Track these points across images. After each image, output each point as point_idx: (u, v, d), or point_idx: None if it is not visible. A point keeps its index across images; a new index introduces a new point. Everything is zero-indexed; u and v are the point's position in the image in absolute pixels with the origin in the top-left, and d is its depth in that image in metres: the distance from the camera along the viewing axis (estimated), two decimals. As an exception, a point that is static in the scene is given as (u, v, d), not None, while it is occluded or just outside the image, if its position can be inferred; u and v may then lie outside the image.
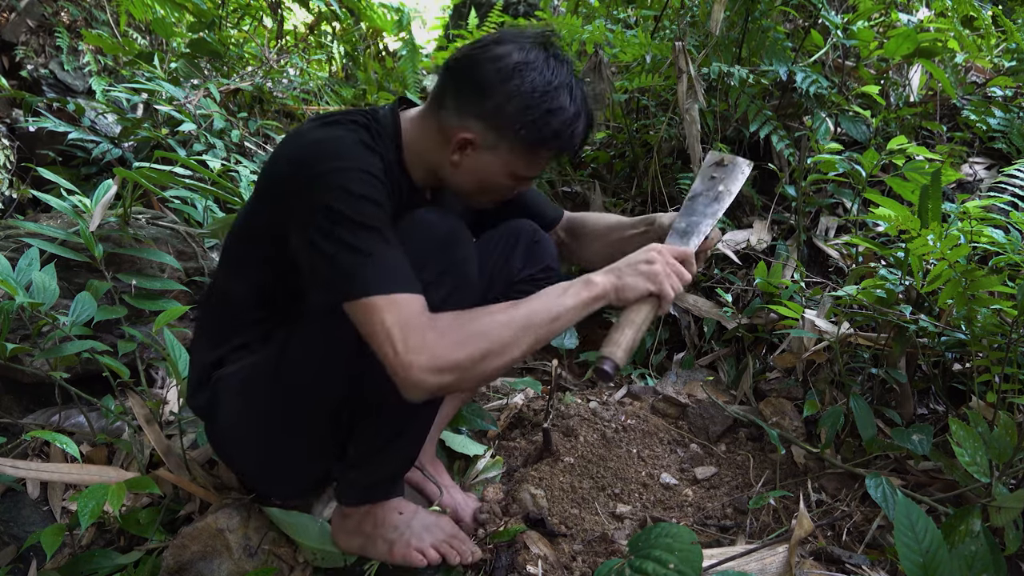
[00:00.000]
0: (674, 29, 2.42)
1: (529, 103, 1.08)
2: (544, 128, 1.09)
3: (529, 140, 1.10)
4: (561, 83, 1.10)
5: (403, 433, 1.18)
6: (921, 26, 2.21)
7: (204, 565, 1.22)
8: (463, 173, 1.16)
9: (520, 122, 1.08)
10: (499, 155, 1.13)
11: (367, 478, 1.21)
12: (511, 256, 1.38)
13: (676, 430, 1.74)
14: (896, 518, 0.99)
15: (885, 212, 1.34)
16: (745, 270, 2.17)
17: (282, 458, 1.22)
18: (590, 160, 2.73)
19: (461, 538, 1.26)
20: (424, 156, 1.18)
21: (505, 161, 1.13)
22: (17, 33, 2.90)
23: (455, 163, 1.15)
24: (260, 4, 3.98)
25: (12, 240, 1.70)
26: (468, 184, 1.18)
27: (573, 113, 1.11)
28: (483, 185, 1.18)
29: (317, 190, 1.00)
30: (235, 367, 1.18)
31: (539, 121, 1.09)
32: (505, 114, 1.08)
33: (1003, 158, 2.23)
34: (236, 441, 1.23)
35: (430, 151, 1.17)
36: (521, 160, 1.13)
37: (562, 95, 1.10)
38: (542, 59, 1.09)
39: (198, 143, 2.46)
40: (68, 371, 1.52)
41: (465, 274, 1.10)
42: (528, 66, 1.08)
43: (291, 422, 1.16)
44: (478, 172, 1.15)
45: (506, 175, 1.15)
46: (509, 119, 1.08)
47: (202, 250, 1.95)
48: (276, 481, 1.28)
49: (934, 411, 1.67)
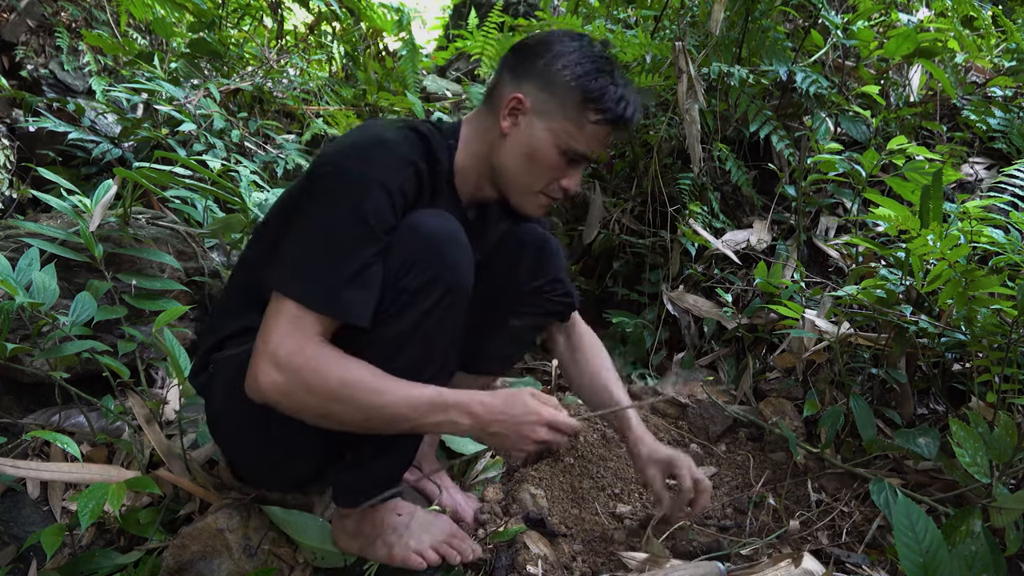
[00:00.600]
0: (674, 29, 2.42)
1: (581, 61, 1.12)
2: (594, 85, 1.11)
3: (579, 97, 1.11)
4: (613, 66, 1.15)
5: (399, 435, 1.17)
6: (921, 26, 2.21)
7: (204, 565, 1.22)
8: (513, 146, 1.15)
9: (571, 75, 1.11)
10: (550, 120, 1.13)
11: (364, 479, 1.20)
12: (517, 267, 1.33)
13: (676, 430, 1.74)
14: (896, 518, 0.99)
15: (885, 212, 1.34)
16: (745, 270, 2.17)
17: (271, 449, 1.21)
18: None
19: (461, 536, 1.26)
20: (477, 150, 1.18)
21: (556, 129, 1.13)
22: (17, 33, 2.90)
23: (505, 132, 1.15)
24: (260, 4, 3.98)
25: (12, 240, 1.70)
26: (518, 162, 1.16)
27: (623, 85, 1.15)
28: (533, 162, 1.15)
29: (330, 179, 1.02)
30: (232, 351, 1.17)
31: (589, 77, 1.11)
32: (557, 69, 1.12)
33: (1003, 158, 2.23)
34: (225, 427, 1.23)
35: (482, 139, 1.18)
36: (572, 126, 1.13)
37: (614, 71, 1.14)
38: (598, 47, 1.16)
39: (198, 143, 2.46)
40: (68, 371, 1.52)
41: (456, 279, 1.07)
42: (583, 43, 1.15)
43: (274, 418, 1.14)
44: (529, 142, 1.14)
45: (556, 147, 1.14)
46: (561, 74, 1.11)
47: (202, 250, 1.95)
48: (265, 471, 1.27)
49: (934, 411, 1.67)
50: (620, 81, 1.14)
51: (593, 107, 1.12)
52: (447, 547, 1.22)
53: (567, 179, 1.19)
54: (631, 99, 1.15)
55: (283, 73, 3.48)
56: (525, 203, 1.22)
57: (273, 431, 1.16)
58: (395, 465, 1.22)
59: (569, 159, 1.16)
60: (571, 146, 1.14)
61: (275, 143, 2.92)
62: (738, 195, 2.41)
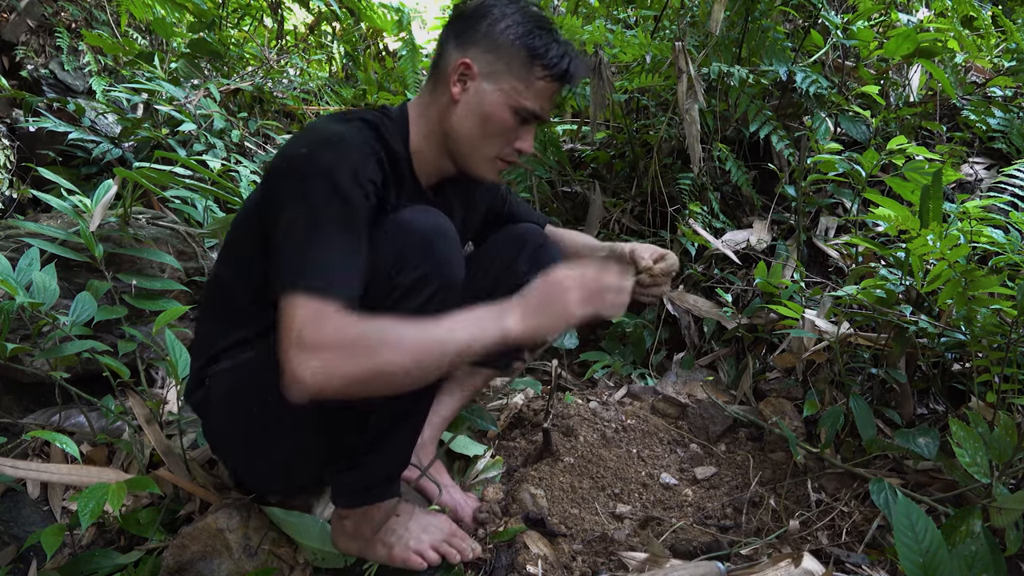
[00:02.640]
0: (674, 29, 2.42)
1: (522, 21, 1.14)
2: (538, 43, 1.13)
3: (525, 55, 1.13)
4: (551, 24, 1.19)
5: (395, 435, 1.18)
6: (921, 26, 2.21)
7: (204, 565, 1.22)
8: (465, 111, 1.16)
9: (514, 35, 1.13)
10: (499, 81, 1.15)
11: (362, 480, 1.20)
12: (517, 259, 1.39)
13: (676, 430, 1.74)
14: (896, 518, 0.99)
15: (885, 212, 1.34)
16: (745, 270, 2.17)
17: (269, 459, 1.22)
18: (590, 160, 2.73)
19: (460, 535, 1.26)
20: (430, 127, 1.19)
21: (506, 89, 1.15)
22: (17, 33, 2.90)
23: (456, 98, 1.16)
24: (260, 4, 3.98)
25: (12, 240, 1.70)
26: (472, 127, 1.17)
27: (565, 43, 1.17)
28: (487, 125, 1.17)
29: (297, 179, 1.01)
30: (229, 363, 1.17)
31: (532, 36, 1.14)
32: (500, 31, 1.14)
33: (1003, 158, 2.23)
34: (227, 439, 1.24)
35: (433, 113, 1.19)
36: (521, 84, 1.14)
37: (553, 30, 1.17)
38: (534, 7, 1.19)
39: (198, 143, 2.47)
40: (68, 371, 1.52)
41: (447, 275, 1.07)
42: (521, 4, 1.17)
43: (277, 423, 1.15)
44: (481, 107, 1.15)
45: (507, 108, 1.15)
46: (504, 34, 1.13)
47: (202, 250, 1.95)
48: (265, 480, 1.28)
49: (934, 411, 1.67)
50: (560, 39, 1.17)
51: (539, 63, 1.14)
52: (447, 546, 1.22)
53: (521, 140, 1.20)
54: (573, 55, 1.18)
55: (283, 73, 3.48)
56: (482, 168, 1.23)
57: (273, 436, 1.17)
58: (392, 463, 1.22)
59: (522, 119, 1.18)
60: (522, 104, 1.16)
61: (275, 143, 2.92)
62: (738, 195, 2.41)
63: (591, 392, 1.96)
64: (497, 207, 1.50)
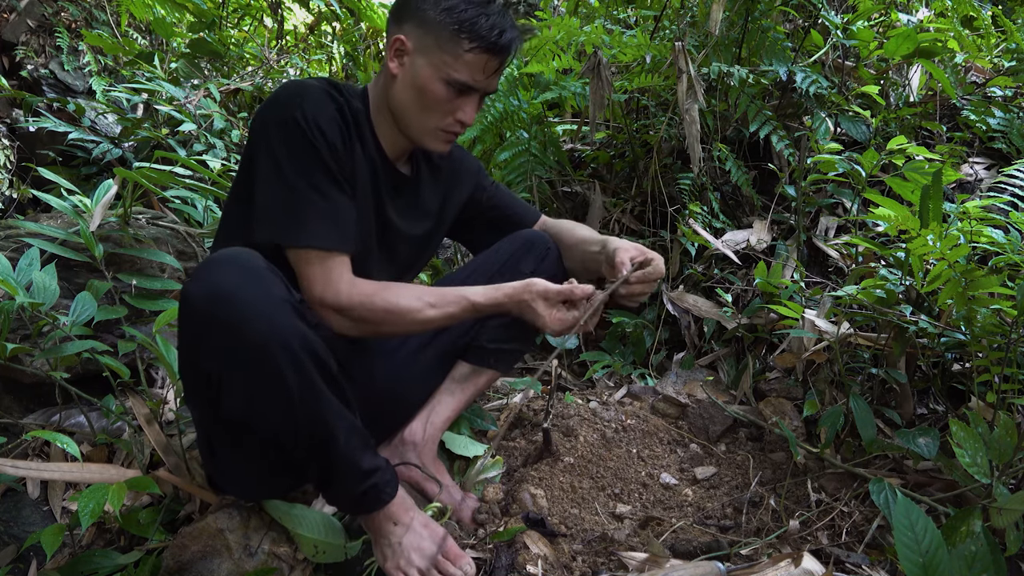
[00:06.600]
0: (674, 29, 2.42)
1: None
2: (464, 16, 1.17)
3: (452, 28, 1.17)
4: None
5: (327, 460, 1.11)
6: (921, 26, 2.21)
7: (204, 565, 1.21)
8: (403, 86, 1.22)
9: (442, 9, 1.17)
10: (429, 55, 1.19)
11: (343, 495, 1.18)
12: (521, 261, 1.44)
13: (676, 430, 1.74)
14: (896, 518, 0.99)
15: (885, 212, 1.34)
16: (745, 270, 2.17)
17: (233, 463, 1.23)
18: (590, 160, 2.73)
19: (454, 555, 1.21)
20: (381, 103, 1.27)
21: (436, 63, 1.19)
22: (17, 33, 2.90)
23: (395, 73, 1.22)
24: (260, 4, 3.98)
25: (12, 240, 1.70)
26: (409, 100, 1.22)
27: (498, 14, 1.20)
28: (422, 98, 1.21)
29: (275, 127, 1.13)
30: None
31: (459, 10, 1.17)
32: (428, 7, 1.18)
33: (1003, 158, 2.23)
34: (200, 437, 1.26)
35: (380, 90, 1.26)
36: (449, 56, 1.18)
37: (488, 3, 1.20)
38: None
39: (198, 143, 2.47)
40: (68, 371, 1.52)
41: (251, 339, 0.99)
42: None
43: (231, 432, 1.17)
44: (415, 80, 1.20)
45: (439, 80, 1.19)
46: (433, 11, 1.18)
47: (202, 250, 1.95)
48: (233, 483, 1.27)
49: (934, 411, 1.67)
50: (494, 11, 1.20)
51: (466, 36, 1.17)
52: (435, 573, 1.18)
53: (461, 112, 1.24)
54: (506, 27, 1.20)
55: (283, 73, 3.48)
56: (427, 140, 1.27)
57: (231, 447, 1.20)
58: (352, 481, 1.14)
59: (458, 90, 1.21)
60: (452, 76, 1.19)
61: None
62: (738, 195, 2.41)
63: (591, 392, 1.96)
64: (478, 197, 1.52)
